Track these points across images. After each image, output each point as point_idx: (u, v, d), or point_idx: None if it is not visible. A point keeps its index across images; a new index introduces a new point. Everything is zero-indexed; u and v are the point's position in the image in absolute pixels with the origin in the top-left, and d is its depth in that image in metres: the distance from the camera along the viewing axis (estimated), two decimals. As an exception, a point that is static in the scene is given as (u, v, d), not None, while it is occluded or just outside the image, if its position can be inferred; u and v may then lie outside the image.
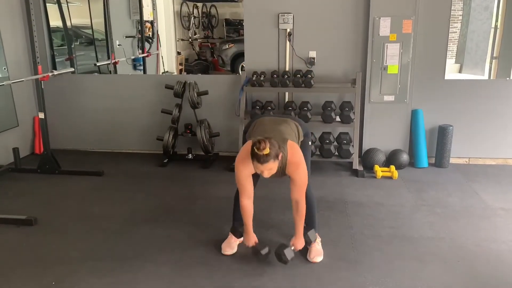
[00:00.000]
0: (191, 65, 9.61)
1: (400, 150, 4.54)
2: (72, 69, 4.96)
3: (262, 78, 4.47)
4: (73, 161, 4.85)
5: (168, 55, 8.55)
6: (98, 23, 6.27)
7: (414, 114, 4.54)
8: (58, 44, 5.56)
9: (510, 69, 5.88)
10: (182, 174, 4.46)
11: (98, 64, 5.89)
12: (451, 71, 9.83)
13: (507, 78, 5.86)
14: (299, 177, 2.63)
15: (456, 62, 10.39)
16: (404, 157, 4.47)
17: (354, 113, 4.39)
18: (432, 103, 4.56)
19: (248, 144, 2.58)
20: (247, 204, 2.72)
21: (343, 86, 4.57)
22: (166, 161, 4.71)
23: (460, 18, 10.18)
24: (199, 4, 10.10)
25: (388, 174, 4.30)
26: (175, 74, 8.40)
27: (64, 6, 5.52)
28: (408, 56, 4.37)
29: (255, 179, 2.88)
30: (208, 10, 10.42)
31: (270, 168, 2.45)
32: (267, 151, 2.37)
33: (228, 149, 4.89)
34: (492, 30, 6.83)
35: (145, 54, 7.04)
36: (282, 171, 2.64)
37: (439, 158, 4.55)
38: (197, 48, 10.04)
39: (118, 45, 6.50)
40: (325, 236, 2.99)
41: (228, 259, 2.84)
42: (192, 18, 9.73)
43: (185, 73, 8.95)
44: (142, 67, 6.98)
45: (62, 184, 4.22)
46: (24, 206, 3.72)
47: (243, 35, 4.76)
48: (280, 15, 4.50)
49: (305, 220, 2.89)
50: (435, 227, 3.27)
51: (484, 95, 4.52)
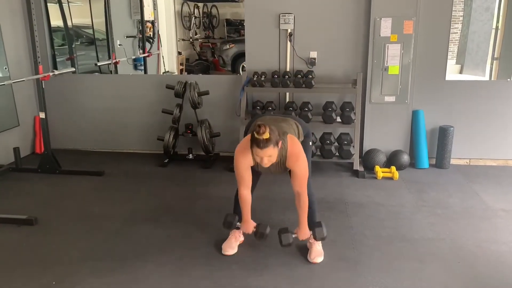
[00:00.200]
0: (191, 65, 9.62)
1: (401, 151, 4.54)
2: (73, 69, 4.97)
3: (263, 78, 4.47)
4: (73, 161, 4.85)
5: (169, 55, 8.56)
6: (99, 22, 6.27)
7: (415, 115, 4.54)
8: (59, 44, 5.56)
9: (511, 70, 5.88)
10: (183, 174, 4.46)
11: (99, 64, 5.89)
12: (452, 72, 9.84)
13: (508, 79, 5.87)
14: (299, 169, 2.62)
15: (457, 63, 10.40)
16: (405, 157, 4.47)
17: (355, 113, 4.39)
18: (433, 104, 4.56)
19: (249, 136, 2.57)
20: (246, 194, 2.72)
21: (344, 86, 4.57)
22: (166, 161, 4.72)
23: (461, 18, 10.18)
24: (200, 4, 10.11)
25: (388, 175, 4.30)
26: (176, 74, 8.40)
27: (65, 6, 5.52)
28: (409, 56, 4.37)
29: (256, 179, 2.88)
30: (209, 10, 10.43)
31: (269, 154, 2.43)
32: (267, 135, 2.37)
33: (228, 149, 4.89)
34: (493, 31, 6.83)
35: (146, 54, 7.04)
36: (282, 165, 2.63)
37: (440, 159, 4.55)
38: (198, 48, 10.05)
39: (119, 45, 6.51)
40: (325, 236, 2.99)
41: (229, 259, 2.84)
42: (193, 18, 9.73)
43: (185, 73, 8.96)
44: (143, 67, 6.99)
45: (62, 184, 4.22)
46: (24, 206, 3.72)
47: (243, 35, 4.76)
48: (281, 15, 4.50)
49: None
50: (436, 228, 3.27)
51: (485, 96, 4.52)
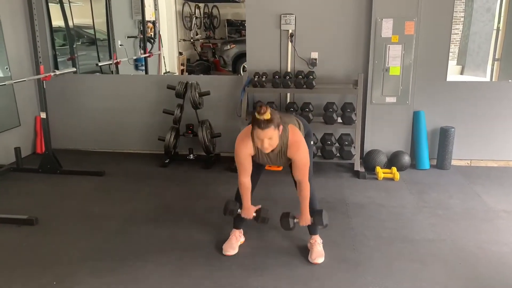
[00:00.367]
0: (192, 65, 9.63)
1: (402, 151, 4.53)
2: (74, 69, 4.97)
3: (263, 79, 4.47)
4: (74, 161, 4.85)
5: (169, 56, 8.56)
6: (100, 23, 6.28)
7: (416, 116, 4.54)
8: (60, 44, 5.56)
9: (512, 71, 5.87)
10: (183, 174, 4.46)
11: (100, 64, 5.89)
12: (453, 73, 9.83)
13: (509, 80, 5.85)
14: (300, 158, 2.62)
15: (457, 64, 10.39)
16: (406, 158, 4.46)
17: (355, 114, 4.39)
18: (434, 104, 4.55)
19: (249, 126, 2.56)
20: (246, 181, 2.72)
21: (345, 87, 4.57)
22: (167, 161, 4.71)
23: (462, 19, 10.18)
24: (201, 5, 10.12)
25: (389, 176, 4.29)
26: (177, 74, 8.41)
27: (66, 6, 5.52)
28: (410, 57, 4.37)
29: (256, 178, 2.88)
30: (210, 10, 10.44)
31: (270, 136, 2.41)
32: (268, 116, 2.36)
33: (229, 149, 4.88)
34: (494, 32, 6.82)
35: (147, 55, 7.05)
36: (283, 155, 2.62)
37: (441, 160, 4.54)
38: (198, 49, 10.06)
39: (120, 45, 6.51)
40: (326, 237, 2.99)
41: (229, 259, 2.84)
42: (194, 18, 9.74)
43: (186, 73, 8.96)
44: (144, 67, 6.99)
45: (63, 184, 4.22)
46: (25, 205, 3.72)
47: (244, 35, 4.76)
48: (282, 16, 4.50)
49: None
50: (437, 229, 3.26)
51: (486, 97, 4.51)
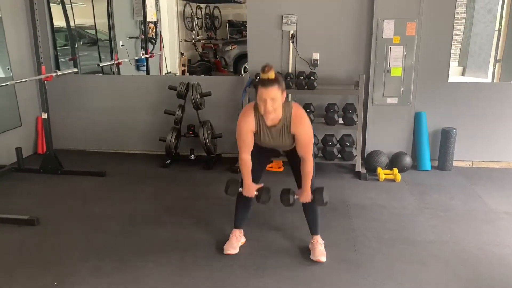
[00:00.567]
0: (194, 66, 9.62)
1: (403, 152, 4.53)
2: (76, 69, 4.97)
3: (265, 80, 4.46)
4: (75, 161, 4.86)
5: (171, 56, 8.56)
6: (102, 23, 6.28)
7: (417, 117, 4.53)
8: (62, 44, 5.57)
9: (514, 72, 5.86)
10: (184, 175, 4.46)
11: (101, 64, 5.90)
12: (454, 74, 9.81)
13: (511, 82, 5.85)
14: (304, 132, 2.62)
15: (459, 65, 10.37)
16: (407, 159, 4.46)
17: (357, 115, 4.39)
18: (436, 106, 4.55)
19: (252, 103, 2.63)
20: (247, 158, 2.72)
21: (346, 88, 4.57)
22: (168, 161, 4.71)
23: (464, 20, 10.16)
24: (202, 5, 10.12)
25: (391, 177, 4.29)
26: (178, 75, 8.41)
27: (67, 6, 5.54)
28: (411, 58, 4.37)
29: (259, 172, 2.87)
30: (211, 11, 10.44)
31: (273, 96, 2.44)
32: (272, 75, 2.45)
33: (230, 150, 4.88)
34: (496, 33, 6.82)
35: (148, 55, 7.05)
36: (287, 130, 2.61)
37: (442, 161, 4.54)
38: (200, 49, 10.05)
39: (121, 45, 6.51)
40: (327, 238, 2.98)
41: (230, 260, 2.84)
42: (195, 19, 9.74)
43: (188, 74, 8.96)
44: (145, 68, 6.99)
45: (64, 184, 4.23)
46: (26, 206, 3.73)
47: (246, 36, 4.75)
48: (283, 16, 4.50)
49: (308, 221, 2.91)
50: (438, 230, 3.26)
51: (487, 98, 4.51)
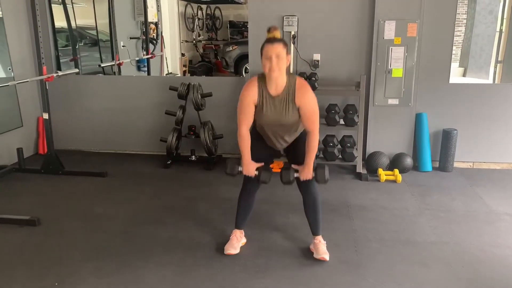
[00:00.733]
0: (194, 66, 9.63)
1: (404, 153, 4.53)
2: (77, 70, 4.97)
3: (266, 80, 4.46)
4: (76, 161, 4.86)
5: (172, 57, 8.57)
6: (103, 24, 6.29)
7: (418, 118, 4.53)
8: (63, 45, 5.57)
9: (515, 73, 5.86)
10: (185, 175, 4.46)
11: (103, 65, 5.90)
12: (455, 75, 9.81)
13: (512, 82, 5.85)
14: (308, 102, 2.63)
15: (460, 66, 10.37)
16: (408, 160, 4.46)
17: (358, 116, 4.39)
18: (437, 106, 4.54)
19: (255, 76, 2.73)
20: (246, 133, 2.73)
21: (347, 89, 4.56)
22: (169, 162, 4.71)
23: (465, 21, 10.17)
24: (203, 6, 10.13)
25: (391, 178, 4.28)
26: (179, 75, 8.42)
27: (69, 7, 5.55)
28: (412, 59, 4.37)
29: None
30: (212, 12, 10.45)
31: (278, 52, 2.52)
32: (278, 34, 2.55)
33: (231, 151, 4.88)
34: (497, 34, 6.82)
35: (149, 56, 7.06)
36: (290, 100, 2.62)
37: (443, 162, 4.53)
38: (201, 50, 10.06)
39: (123, 46, 6.52)
40: (328, 239, 2.98)
41: (230, 261, 2.84)
42: (196, 20, 9.74)
43: (188, 74, 8.97)
44: (146, 69, 7.00)
45: (65, 184, 4.23)
46: (27, 206, 3.73)
47: (247, 37, 4.75)
48: (284, 17, 4.50)
49: (309, 221, 2.91)
50: (439, 231, 3.26)
51: (489, 99, 4.50)
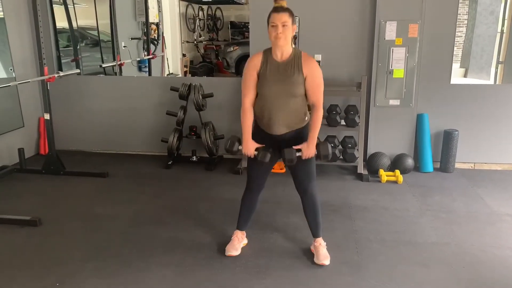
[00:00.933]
0: (195, 67, 9.62)
1: (405, 154, 4.52)
2: (78, 70, 4.97)
3: (267, 81, 4.46)
4: (77, 162, 4.86)
5: (173, 57, 8.56)
6: (104, 24, 6.29)
7: (420, 119, 4.53)
8: (64, 45, 5.57)
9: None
10: (186, 176, 4.46)
11: (104, 65, 5.90)
12: (456, 76, 9.80)
13: (513, 83, 5.84)
14: (316, 71, 2.63)
15: (461, 67, 10.36)
16: (409, 161, 4.45)
17: (359, 117, 4.39)
18: (438, 107, 4.54)
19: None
20: (249, 108, 2.72)
21: (348, 89, 4.56)
22: (170, 163, 4.72)
23: (466, 22, 10.16)
24: (205, 6, 10.12)
25: (393, 179, 4.28)
26: (180, 76, 8.41)
27: (70, 7, 5.54)
28: (413, 60, 4.37)
29: (266, 174, 2.85)
30: (213, 12, 10.44)
31: (284, 21, 2.54)
32: (284, 3, 2.62)
33: (232, 151, 4.88)
34: (498, 35, 6.81)
35: (150, 56, 7.05)
36: (296, 65, 2.62)
37: (444, 163, 4.53)
38: (202, 50, 10.05)
39: (124, 46, 6.52)
40: (329, 240, 2.98)
41: (231, 261, 2.84)
42: (198, 20, 9.74)
43: (189, 75, 8.97)
44: (147, 69, 7.00)
45: (66, 185, 4.23)
46: (28, 206, 3.73)
47: (248, 37, 4.75)
48: (285, 18, 4.50)
49: (309, 223, 2.90)
50: (440, 232, 3.26)
51: (490, 100, 4.50)
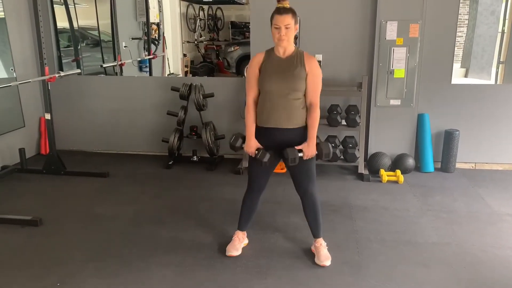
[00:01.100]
0: (196, 67, 9.62)
1: (406, 154, 4.52)
2: (79, 70, 4.98)
3: (267, 81, 4.46)
4: (78, 162, 4.87)
5: (173, 57, 8.57)
6: (105, 24, 6.29)
7: (420, 119, 4.53)
8: (65, 45, 5.58)
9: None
10: (187, 176, 4.46)
11: (105, 65, 5.91)
12: (457, 76, 9.79)
13: (514, 83, 5.84)
14: (317, 70, 2.65)
15: (462, 67, 10.35)
16: (410, 161, 4.45)
17: (360, 116, 4.38)
18: (439, 107, 4.54)
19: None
20: (253, 105, 2.75)
21: (349, 89, 4.56)
22: (171, 163, 4.72)
23: (467, 22, 10.15)
24: (205, 6, 10.12)
25: (393, 179, 4.28)
26: (181, 76, 8.42)
27: (71, 8, 5.55)
28: (414, 60, 4.36)
29: (267, 175, 2.86)
30: (214, 12, 10.44)
31: (287, 22, 2.55)
32: (287, 4, 2.60)
33: (233, 151, 4.87)
34: (499, 35, 6.81)
35: (151, 56, 7.05)
36: (299, 60, 2.64)
37: (445, 163, 4.53)
38: (202, 50, 10.05)
39: (124, 46, 6.52)
40: (330, 240, 2.98)
41: (232, 262, 2.84)
42: (198, 20, 9.74)
43: (190, 75, 8.97)
44: (148, 69, 7.00)
45: (67, 185, 4.24)
46: (29, 206, 3.74)
47: (248, 37, 4.75)
48: (286, 18, 4.50)
49: (310, 223, 2.89)
50: (440, 232, 3.25)
51: (491, 100, 4.50)
